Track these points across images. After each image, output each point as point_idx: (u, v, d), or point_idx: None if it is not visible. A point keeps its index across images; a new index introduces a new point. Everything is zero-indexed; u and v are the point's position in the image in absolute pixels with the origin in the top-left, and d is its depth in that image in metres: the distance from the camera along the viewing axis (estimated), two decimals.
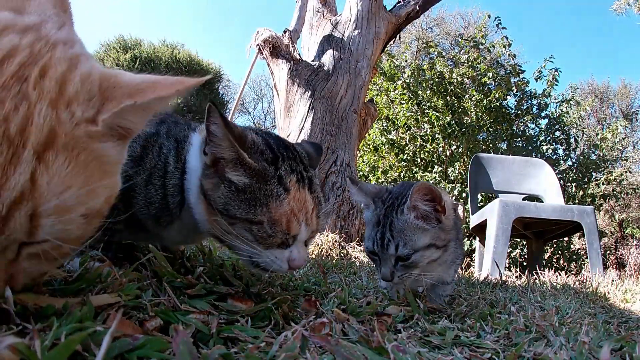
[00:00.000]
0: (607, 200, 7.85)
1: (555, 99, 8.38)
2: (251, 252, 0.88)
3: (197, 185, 0.91)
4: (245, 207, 0.85)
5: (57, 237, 0.51)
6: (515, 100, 8.15)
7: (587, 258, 3.38)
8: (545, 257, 6.94)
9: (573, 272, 4.25)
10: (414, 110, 7.85)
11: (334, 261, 2.76)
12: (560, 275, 2.95)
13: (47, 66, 0.53)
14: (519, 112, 8.06)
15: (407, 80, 7.78)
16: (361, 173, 8.00)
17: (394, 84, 7.89)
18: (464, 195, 6.70)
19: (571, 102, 8.55)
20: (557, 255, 7.44)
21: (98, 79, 0.56)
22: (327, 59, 4.66)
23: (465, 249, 6.33)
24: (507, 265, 5.31)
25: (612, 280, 2.79)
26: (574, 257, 7.34)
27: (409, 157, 7.82)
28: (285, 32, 4.69)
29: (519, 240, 6.32)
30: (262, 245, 0.88)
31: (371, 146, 8.08)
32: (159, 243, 1.06)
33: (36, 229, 0.49)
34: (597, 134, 9.15)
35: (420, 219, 1.13)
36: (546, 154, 7.79)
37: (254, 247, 0.88)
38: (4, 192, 0.46)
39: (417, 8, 5.03)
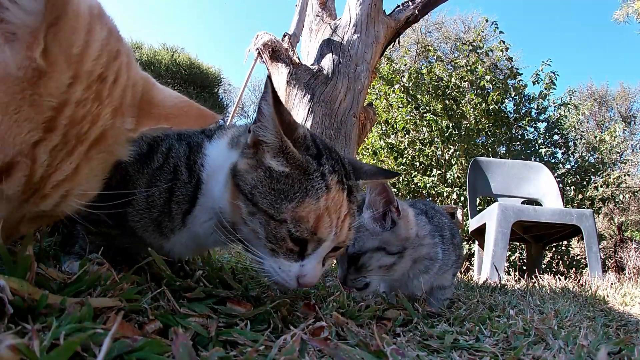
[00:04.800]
0: (606, 204, 7.86)
1: (553, 103, 8.41)
2: (258, 256, 0.82)
3: (225, 173, 0.85)
4: (272, 199, 0.78)
5: (66, 211, 0.61)
6: (514, 104, 8.18)
7: (586, 264, 3.38)
8: (545, 262, 6.93)
9: (573, 277, 4.25)
10: (412, 114, 7.87)
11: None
12: (559, 279, 2.95)
13: (119, 72, 0.60)
14: (518, 115, 8.08)
15: (406, 84, 7.80)
16: None
17: (393, 88, 7.91)
18: (462, 198, 6.71)
19: (569, 105, 8.57)
20: (557, 260, 7.43)
21: (140, 90, 0.66)
22: (327, 62, 4.67)
23: (465, 252, 6.33)
24: (506, 268, 5.30)
25: (611, 284, 2.80)
26: (574, 262, 7.33)
27: (407, 161, 7.83)
28: (284, 36, 4.70)
29: (518, 243, 6.32)
30: (269, 249, 0.81)
31: (370, 150, 8.09)
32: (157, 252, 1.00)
33: (59, 206, 0.58)
34: (595, 137, 9.17)
35: (375, 221, 1.15)
36: (545, 157, 7.80)
37: (259, 249, 0.82)
38: (54, 176, 0.55)
39: (416, 12, 5.05)
